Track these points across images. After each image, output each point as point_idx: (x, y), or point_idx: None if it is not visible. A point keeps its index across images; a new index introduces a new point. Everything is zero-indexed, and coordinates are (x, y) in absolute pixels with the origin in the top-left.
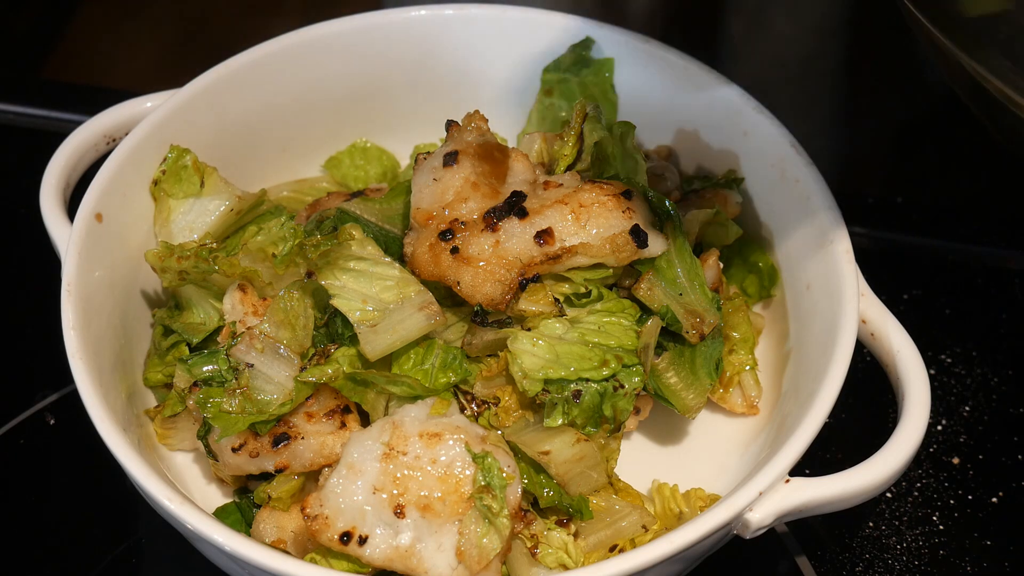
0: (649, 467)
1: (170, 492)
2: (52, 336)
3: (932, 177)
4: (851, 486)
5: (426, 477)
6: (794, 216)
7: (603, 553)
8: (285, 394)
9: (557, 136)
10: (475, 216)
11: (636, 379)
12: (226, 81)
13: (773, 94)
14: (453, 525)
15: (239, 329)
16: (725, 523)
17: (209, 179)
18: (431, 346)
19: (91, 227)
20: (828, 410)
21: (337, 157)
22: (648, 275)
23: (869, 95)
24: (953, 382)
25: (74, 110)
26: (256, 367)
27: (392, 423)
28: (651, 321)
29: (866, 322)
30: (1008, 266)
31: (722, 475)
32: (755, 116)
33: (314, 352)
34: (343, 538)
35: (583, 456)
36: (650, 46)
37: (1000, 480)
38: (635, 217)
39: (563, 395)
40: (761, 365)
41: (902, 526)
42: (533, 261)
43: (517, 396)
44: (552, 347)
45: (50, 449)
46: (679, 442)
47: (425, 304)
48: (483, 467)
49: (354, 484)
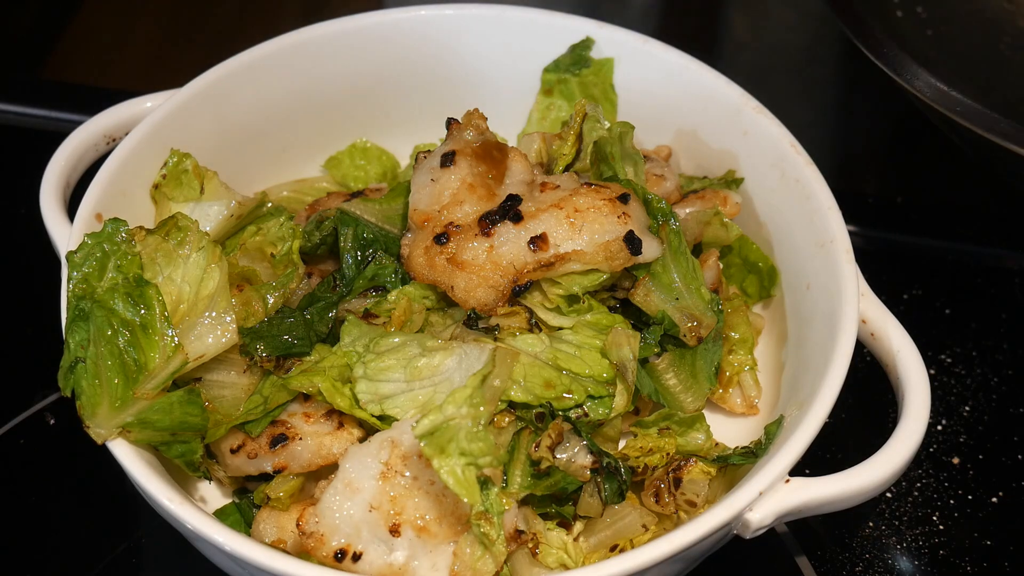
0: None
1: (170, 492)
2: (52, 336)
3: (932, 177)
4: (851, 486)
5: (423, 497)
6: (794, 216)
7: (603, 553)
8: (244, 390)
9: (556, 136)
10: (470, 220)
11: (602, 410)
12: (226, 81)
13: (773, 83)
14: (448, 546)
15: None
16: (725, 523)
17: (209, 184)
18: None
19: (91, 227)
20: (828, 410)
21: (337, 157)
22: (644, 280)
23: (869, 94)
24: (953, 382)
25: (74, 110)
26: (204, 379)
27: (391, 441)
28: (625, 337)
29: (866, 322)
30: (1008, 266)
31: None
32: (755, 116)
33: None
34: (337, 555)
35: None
36: (650, 46)
37: (1000, 480)
38: (630, 222)
39: (528, 417)
40: (761, 365)
41: (902, 526)
42: (527, 267)
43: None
44: (522, 368)
45: (50, 449)
46: None
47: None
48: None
49: (350, 501)
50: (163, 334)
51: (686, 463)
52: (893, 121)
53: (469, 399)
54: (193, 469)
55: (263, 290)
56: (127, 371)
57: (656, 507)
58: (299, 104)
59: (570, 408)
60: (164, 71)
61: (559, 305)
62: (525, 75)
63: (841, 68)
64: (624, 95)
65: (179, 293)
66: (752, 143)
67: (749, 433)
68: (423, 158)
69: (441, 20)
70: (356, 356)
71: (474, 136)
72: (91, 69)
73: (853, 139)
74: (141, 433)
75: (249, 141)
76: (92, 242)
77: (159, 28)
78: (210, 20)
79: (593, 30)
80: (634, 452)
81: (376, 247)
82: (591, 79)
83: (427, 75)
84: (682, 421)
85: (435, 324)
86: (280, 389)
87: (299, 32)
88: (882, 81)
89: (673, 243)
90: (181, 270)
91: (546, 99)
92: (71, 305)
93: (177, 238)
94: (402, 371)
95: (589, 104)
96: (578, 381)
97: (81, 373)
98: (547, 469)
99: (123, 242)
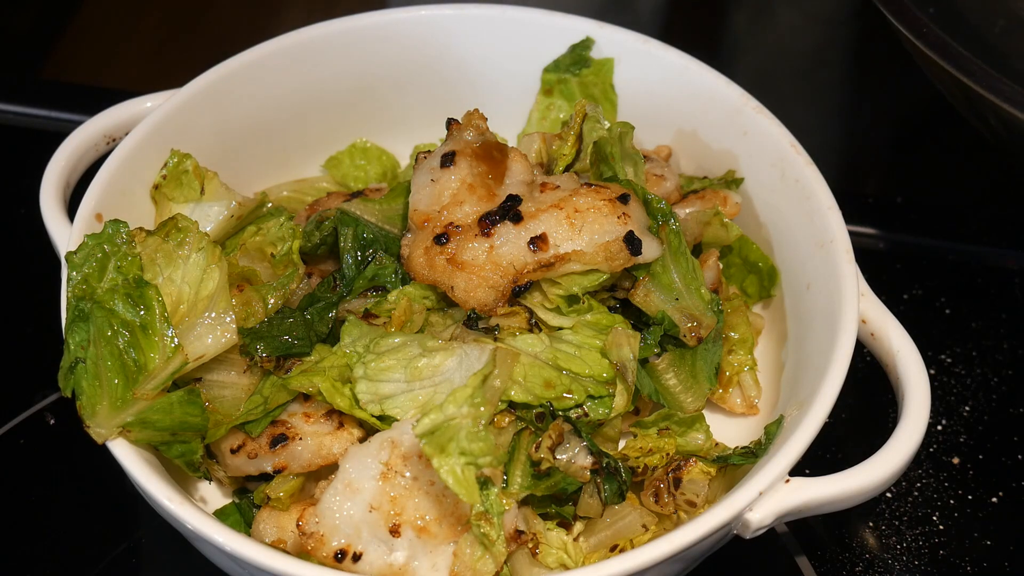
0: None
1: (170, 492)
2: (52, 336)
3: (932, 177)
4: (851, 486)
5: (423, 498)
6: (794, 216)
7: (603, 553)
8: (244, 390)
9: (556, 136)
10: (470, 220)
11: (602, 410)
12: (226, 81)
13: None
14: (448, 546)
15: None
16: (725, 523)
17: (209, 184)
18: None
19: (91, 227)
20: (828, 410)
21: (337, 157)
22: (644, 280)
23: (870, 94)
24: (953, 382)
25: (74, 110)
26: (204, 379)
27: (391, 441)
28: (625, 337)
29: (866, 322)
30: (1008, 266)
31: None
32: (755, 116)
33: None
34: (337, 555)
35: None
36: (650, 46)
37: (1000, 480)
38: (630, 223)
39: (528, 417)
40: (761, 365)
41: (902, 526)
42: (526, 268)
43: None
44: (522, 368)
45: (50, 449)
46: None
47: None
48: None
49: (350, 501)
50: (163, 335)
51: (686, 463)
52: (895, 124)
53: (470, 399)
54: (193, 469)
55: (263, 290)
56: (127, 371)
57: (656, 507)
58: (299, 104)
59: (570, 408)
60: (164, 71)
61: (559, 305)
62: (525, 75)
63: (845, 72)
64: (624, 95)
65: (179, 294)
66: (752, 143)
67: (749, 433)
68: (423, 158)
69: (441, 20)
70: (356, 356)
71: (474, 136)
72: (91, 69)
73: (855, 142)
74: (141, 433)
75: (249, 141)
76: (92, 243)
77: (159, 28)
78: (210, 20)
79: (593, 30)
80: (634, 452)
81: (376, 247)
82: (591, 79)
83: (427, 75)
84: (682, 421)
85: (435, 324)
86: (280, 389)
87: (299, 32)
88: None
89: (673, 243)
90: (181, 271)
91: (546, 99)
92: (71, 306)
93: (177, 239)
94: (402, 371)
95: (589, 104)
96: (578, 381)
97: (81, 373)
98: (547, 470)
99: (123, 243)
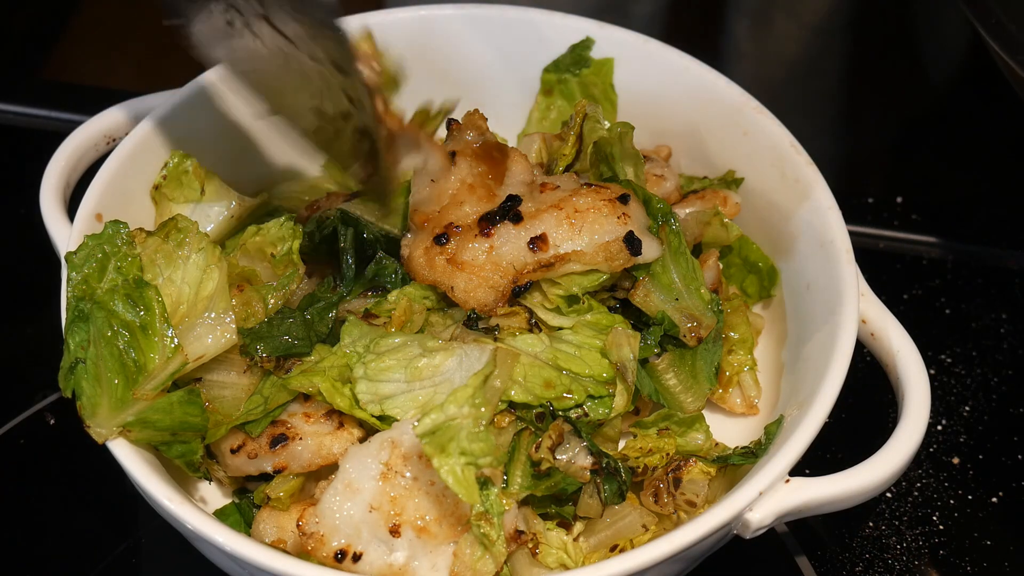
0: None
1: (170, 492)
2: (52, 336)
3: (932, 177)
4: (851, 486)
5: (423, 498)
6: (794, 217)
7: (603, 553)
8: (244, 390)
9: (556, 136)
10: (470, 220)
11: (602, 410)
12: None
13: (775, 93)
14: (448, 546)
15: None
16: (725, 523)
17: (210, 185)
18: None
19: (91, 227)
20: (828, 410)
21: None
22: (644, 281)
23: (870, 95)
24: (953, 382)
25: (74, 110)
26: (204, 379)
27: (391, 441)
28: (625, 337)
29: (866, 322)
30: (1008, 266)
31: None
32: (755, 116)
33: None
34: (338, 556)
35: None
36: (650, 46)
37: (1000, 480)
38: (630, 223)
39: (528, 417)
40: (761, 365)
41: (902, 526)
42: (526, 268)
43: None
44: (522, 368)
45: (50, 449)
46: None
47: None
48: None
49: (351, 501)
50: (163, 335)
51: (686, 463)
52: (894, 129)
53: (471, 399)
54: (193, 469)
55: (263, 290)
56: (127, 372)
57: (656, 507)
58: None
59: (570, 408)
60: (164, 71)
61: (559, 305)
62: (525, 75)
63: (843, 79)
64: (624, 95)
65: (179, 294)
66: (752, 143)
67: (749, 433)
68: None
69: (441, 20)
70: (356, 356)
71: (474, 137)
72: (91, 69)
73: (854, 146)
74: (141, 433)
75: (249, 141)
76: (92, 243)
77: (159, 28)
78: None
79: (593, 30)
80: (634, 452)
81: (376, 247)
82: (591, 79)
83: (427, 75)
84: (682, 421)
85: (435, 324)
86: (280, 389)
87: None
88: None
89: (673, 243)
90: (181, 271)
91: (546, 99)
92: (71, 306)
93: (177, 239)
94: (402, 371)
95: (589, 104)
96: (578, 381)
97: (81, 374)
98: (547, 470)
99: (123, 244)
